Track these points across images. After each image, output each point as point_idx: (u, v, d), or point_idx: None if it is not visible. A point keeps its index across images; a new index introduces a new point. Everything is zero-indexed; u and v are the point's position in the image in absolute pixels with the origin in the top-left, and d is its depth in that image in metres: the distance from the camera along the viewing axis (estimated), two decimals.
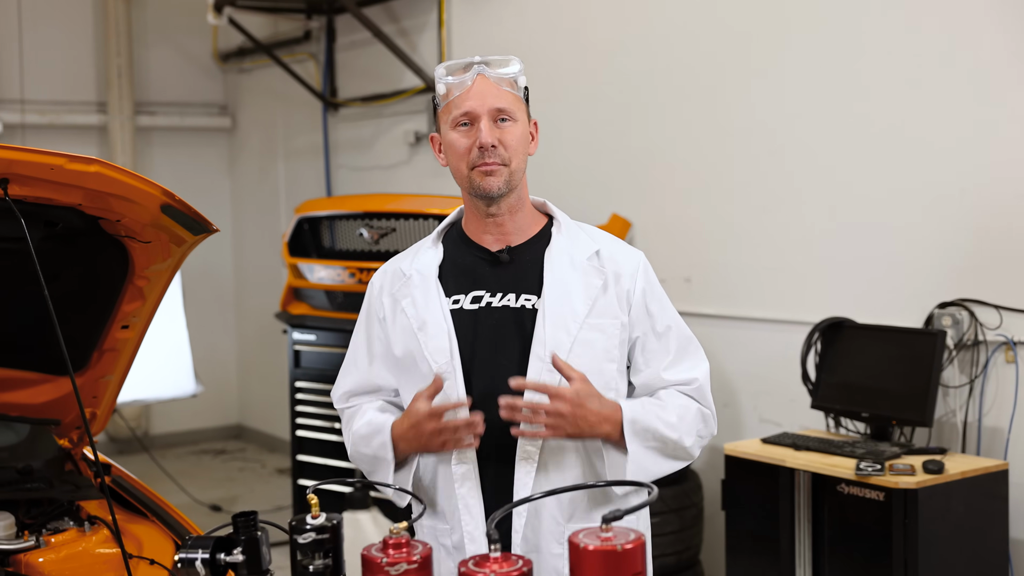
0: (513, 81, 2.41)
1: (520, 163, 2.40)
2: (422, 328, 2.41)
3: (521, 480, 2.33)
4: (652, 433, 2.33)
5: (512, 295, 2.40)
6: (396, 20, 7.22)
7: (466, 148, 2.36)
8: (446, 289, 2.44)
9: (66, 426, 3.54)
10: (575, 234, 2.47)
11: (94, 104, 8.82)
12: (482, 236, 2.46)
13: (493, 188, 2.36)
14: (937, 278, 4.49)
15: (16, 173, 2.57)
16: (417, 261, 2.50)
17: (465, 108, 2.36)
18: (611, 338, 2.38)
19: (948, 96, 4.47)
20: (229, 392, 9.48)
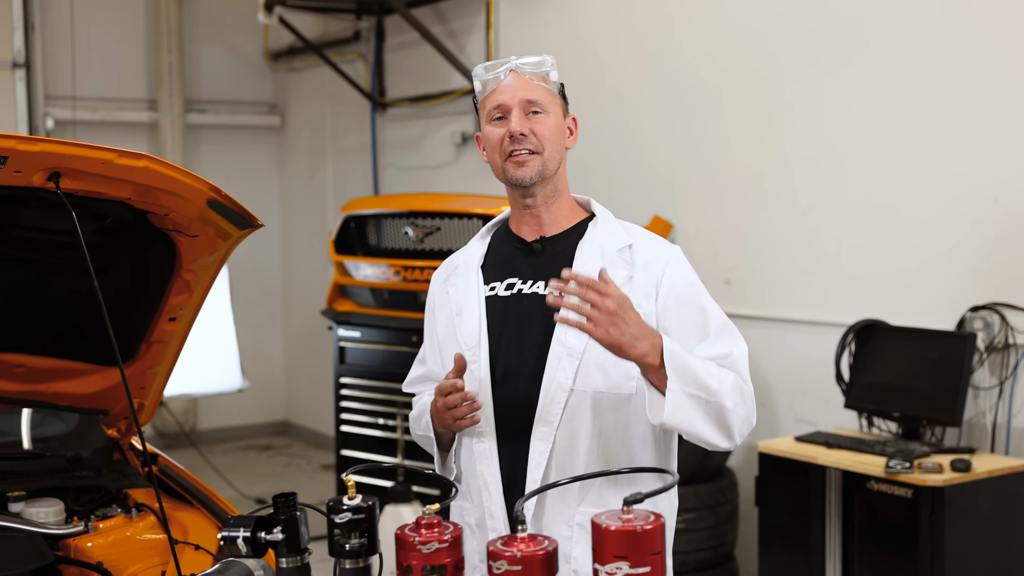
0: (545, 76, 2.49)
1: (553, 153, 2.47)
2: (459, 313, 2.54)
3: (535, 460, 2.40)
4: (693, 376, 2.26)
5: (541, 283, 2.48)
6: (444, 21, 7.33)
7: (499, 139, 2.46)
8: (486, 277, 2.55)
9: (114, 416, 3.62)
10: (613, 229, 2.53)
11: (145, 101, 8.98)
12: (521, 227, 2.55)
13: (525, 177, 2.44)
14: (969, 282, 4.53)
15: (67, 167, 2.65)
16: (465, 253, 2.64)
17: (498, 101, 2.46)
18: None
19: (982, 105, 4.51)
20: (276, 389, 9.62)
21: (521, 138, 2.43)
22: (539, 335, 2.45)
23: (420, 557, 1.85)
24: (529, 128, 2.44)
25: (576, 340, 2.40)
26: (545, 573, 1.81)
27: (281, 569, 1.99)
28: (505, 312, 2.50)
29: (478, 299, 2.53)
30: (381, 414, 6.01)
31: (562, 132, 2.51)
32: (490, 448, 2.45)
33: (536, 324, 2.46)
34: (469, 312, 2.52)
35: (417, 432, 2.63)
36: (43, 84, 8.32)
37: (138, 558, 3.14)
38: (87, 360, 3.40)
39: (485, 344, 2.48)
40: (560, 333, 2.42)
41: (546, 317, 2.42)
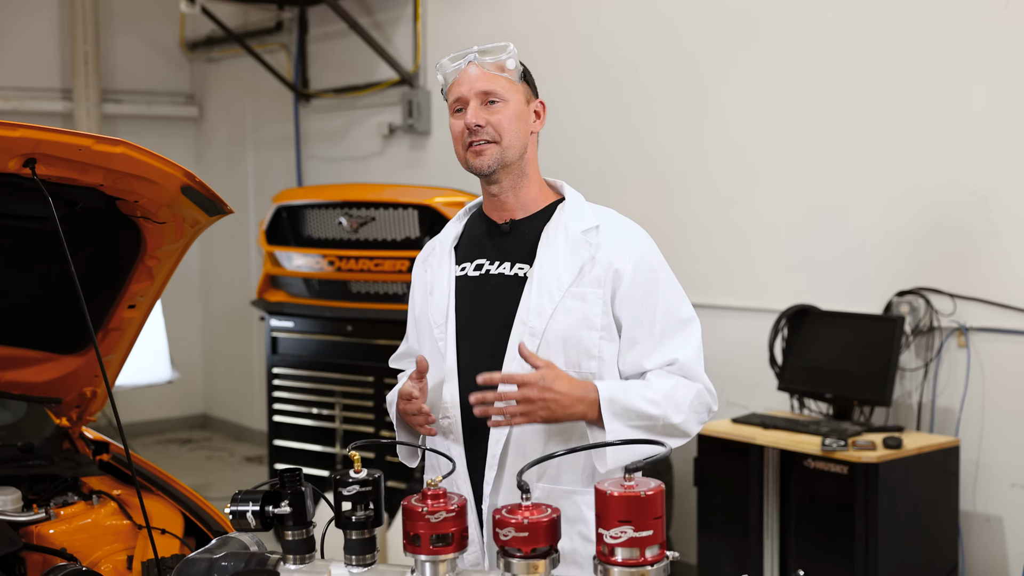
0: (502, 65, 2.55)
1: (513, 140, 2.53)
2: (431, 292, 2.63)
3: (495, 436, 2.49)
4: (635, 412, 2.39)
5: (508, 264, 2.57)
6: (371, 13, 7.35)
7: (460, 131, 2.54)
8: (458, 258, 2.64)
9: (66, 405, 3.61)
10: (581, 211, 2.60)
11: (59, 91, 8.83)
12: (491, 212, 2.64)
13: (483, 166, 2.53)
14: (895, 267, 4.73)
15: (44, 153, 2.64)
16: (442, 235, 2.73)
17: (457, 94, 2.55)
18: (592, 306, 2.48)
19: (909, 97, 4.70)
20: (194, 382, 9.52)
21: (477, 129, 2.51)
22: (503, 314, 2.52)
23: (428, 526, 1.92)
24: (485, 119, 2.51)
25: (537, 319, 2.48)
26: (549, 538, 1.89)
27: (287, 542, 2.04)
28: (473, 292, 2.59)
29: (448, 279, 2.61)
30: (316, 404, 6.02)
31: (524, 118, 2.57)
32: (455, 423, 2.53)
33: (500, 303, 2.54)
34: (439, 291, 2.61)
35: (391, 418, 2.71)
36: None
37: (101, 544, 3.14)
38: (41, 348, 3.39)
39: (452, 322, 2.57)
40: (523, 313, 2.50)
41: (510, 298, 2.52)
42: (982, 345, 4.51)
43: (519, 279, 2.55)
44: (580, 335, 2.49)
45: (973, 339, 4.53)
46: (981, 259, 4.50)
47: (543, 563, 1.88)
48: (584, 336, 2.50)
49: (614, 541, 1.82)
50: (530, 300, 2.50)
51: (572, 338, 2.48)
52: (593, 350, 2.50)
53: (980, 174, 4.49)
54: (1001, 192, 4.43)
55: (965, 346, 4.54)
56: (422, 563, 1.92)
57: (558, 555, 1.91)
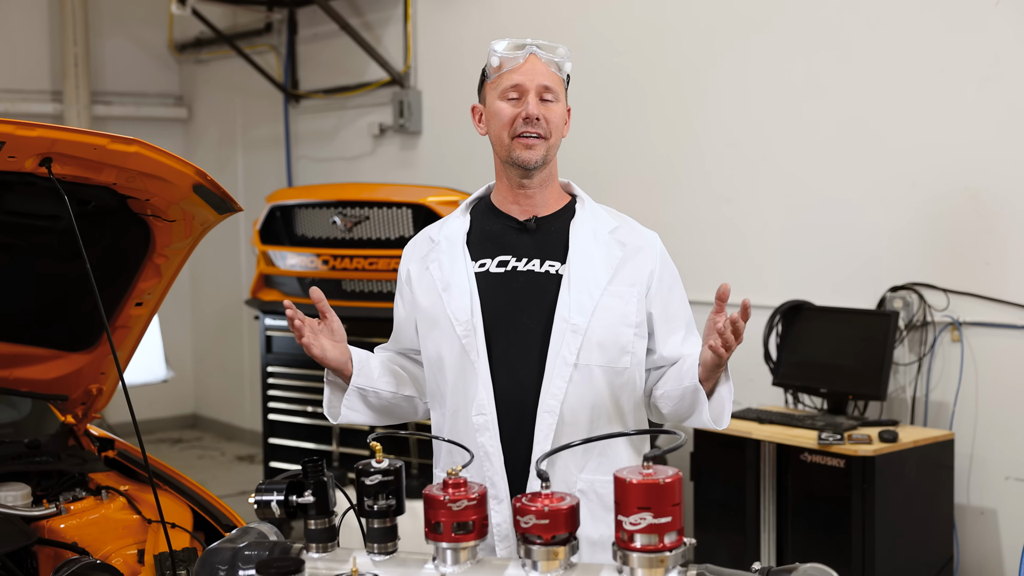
0: (560, 65, 2.61)
1: (556, 140, 2.61)
2: (446, 289, 2.60)
3: (542, 432, 2.51)
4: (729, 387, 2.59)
5: (537, 261, 2.59)
6: (361, 14, 7.38)
7: (511, 118, 2.56)
8: (473, 254, 2.63)
9: (72, 402, 3.65)
10: (597, 211, 2.69)
11: (49, 93, 8.83)
12: (510, 207, 2.65)
13: (531, 160, 2.56)
14: (889, 263, 4.79)
15: (60, 152, 2.69)
16: (445, 228, 2.70)
17: (516, 81, 2.56)
18: (628, 304, 2.57)
19: (902, 94, 4.76)
20: (185, 382, 9.51)
21: (535, 122, 2.54)
22: (539, 312, 2.55)
23: (449, 514, 1.95)
24: (543, 113, 2.55)
25: (579, 317, 2.52)
26: (569, 526, 1.93)
27: (310, 530, 2.07)
28: (499, 289, 2.59)
29: (467, 275, 2.60)
30: (310, 402, 6.05)
31: (564, 121, 2.65)
32: (491, 420, 2.53)
33: (534, 301, 2.56)
34: (459, 288, 2.59)
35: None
36: None
37: (111, 538, 3.19)
38: (48, 346, 3.43)
39: (479, 319, 2.56)
40: (563, 311, 2.53)
41: (544, 296, 2.55)
42: (975, 340, 4.57)
43: (551, 276, 2.58)
44: (618, 332, 2.56)
45: (967, 334, 4.59)
46: (974, 254, 4.57)
47: (563, 550, 1.92)
48: (622, 333, 2.56)
49: (633, 527, 1.87)
50: (569, 297, 2.54)
51: (611, 335, 2.55)
52: (628, 346, 2.58)
53: (973, 170, 4.55)
54: (994, 188, 4.49)
55: (959, 341, 4.60)
56: (443, 550, 1.96)
57: (577, 542, 1.95)
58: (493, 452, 2.54)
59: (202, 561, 2.13)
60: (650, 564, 1.87)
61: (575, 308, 2.53)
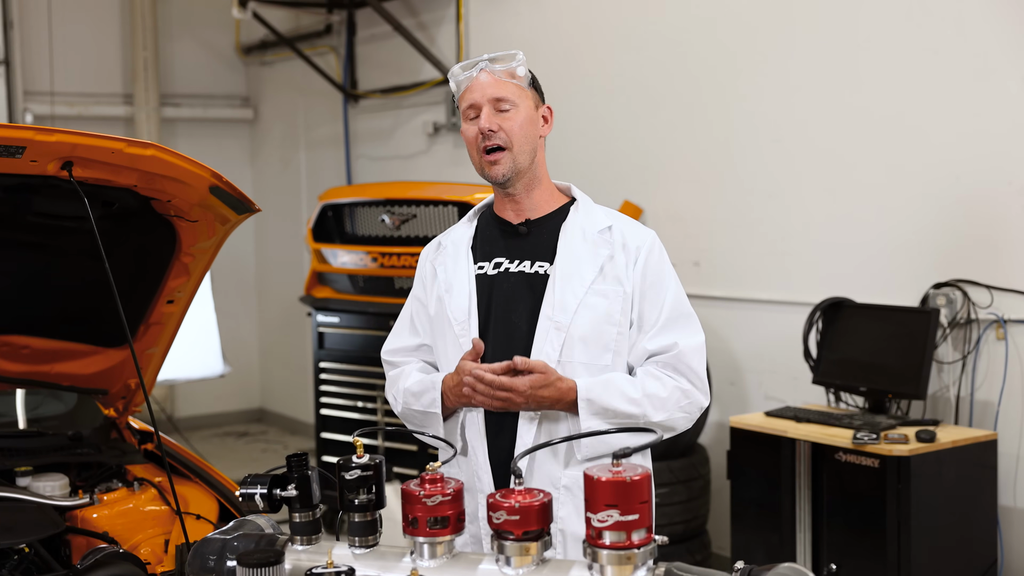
0: (512, 72, 2.65)
1: (524, 146, 2.64)
2: (448, 291, 2.70)
3: (524, 427, 2.58)
4: (612, 411, 2.53)
5: (527, 262, 2.67)
6: (415, 14, 7.46)
7: (474, 136, 2.64)
8: (475, 258, 2.73)
9: (112, 396, 3.76)
10: (592, 212, 2.72)
11: (121, 96, 9.07)
12: (505, 212, 2.74)
13: (498, 175, 2.64)
14: (932, 260, 4.73)
15: (80, 156, 2.80)
16: (453, 234, 2.81)
17: (470, 100, 2.65)
18: (613, 303, 2.61)
19: (945, 87, 4.69)
20: (251, 376, 9.73)
21: (490, 134, 2.61)
22: (526, 311, 2.63)
23: (425, 509, 2.00)
24: (498, 124, 2.61)
25: (563, 315, 2.58)
26: (540, 522, 1.96)
27: (294, 523, 2.13)
28: (493, 289, 2.67)
29: (468, 277, 2.69)
30: (360, 397, 6.14)
31: (534, 123, 2.68)
32: (478, 416, 2.62)
33: (523, 300, 2.64)
34: (459, 290, 2.69)
35: (414, 407, 2.71)
36: (22, 80, 8.44)
37: (141, 528, 3.29)
38: (88, 342, 3.55)
39: (475, 319, 2.65)
40: (547, 308, 2.60)
41: (533, 295, 2.63)
42: (1021, 337, 4.49)
43: (540, 276, 2.65)
44: (601, 330, 2.61)
45: (1012, 331, 4.51)
46: (1019, 251, 4.49)
47: (535, 545, 1.96)
48: (605, 331, 2.61)
49: (601, 524, 1.89)
50: (554, 296, 2.61)
51: (594, 333, 2.60)
52: (611, 344, 2.62)
53: (1017, 165, 4.47)
54: None
55: (1003, 339, 4.53)
56: (420, 544, 2.01)
57: (550, 538, 1.99)
58: (479, 447, 2.62)
59: (194, 551, 2.21)
60: (619, 561, 1.90)
61: (559, 306, 2.59)
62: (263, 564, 1.98)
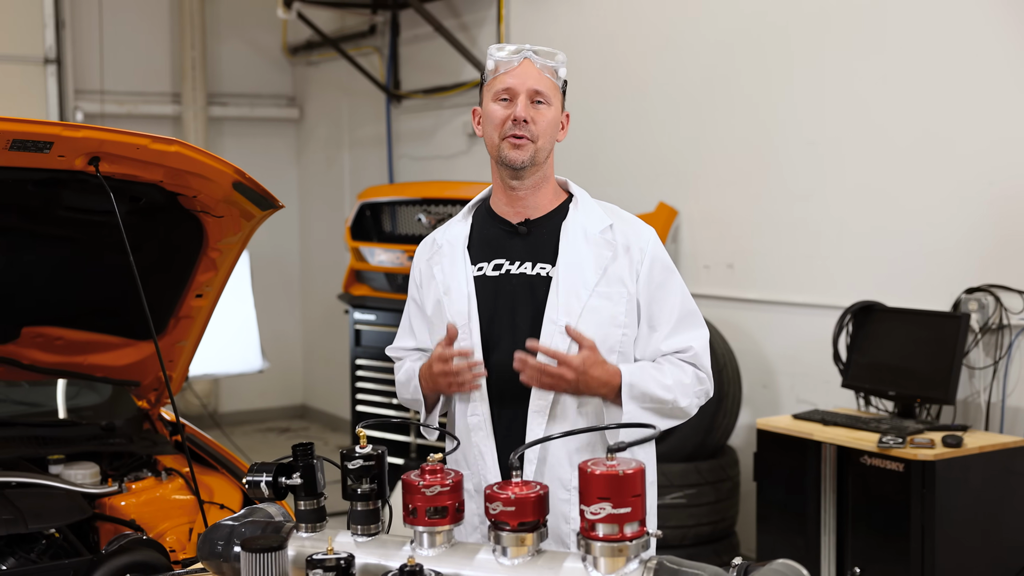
0: (554, 70, 2.67)
1: (546, 143, 2.65)
2: (447, 292, 2.69)
3: (533, 429, 2.59)
4: (648, 396, 2.56)
5: (529, 263, 2.66)
6: (457, 15, 7.53)
7: (501, 119, 2.63)
8: (473, 258, 2.71)
9: (144, 388, 3.84)
10: (591, 210, 2.71)
11: (169, 95, 9.22)
12: (505, 209, 2.72)
13: (517, 159, 2.62)
14: (965, 264, 4.70)
15: (106, 152, 2.88)
16: (448, 232, 2.78)
17: (507, 84, 2.63)
18: (618, 305, 2.62)
19: (980, 92, 4.66)
20: (294, 373, 9.85)
21: (523, 124, 2.61)
22: (529, 313, 2.62)
23: (424, 499, 2.04)
24: (532, 116, 2.61)
25: (567, 319, 2.58)
26: (536, 513, 2.00)
27: (299, 511, 2.19)
28: (495, 292, 2.66)
29: (466, 278, 2.68)
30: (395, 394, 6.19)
31: (557, 125, 2.69)
32: (484, 420, 2.62)
33: (526, 303, 2.63)
34: (457, 291, 2.67)
35: (405, 396, 2.80)
36: (73, 79, 8.60)
37: (167, 517, 3.36)
38: (120, 334, 3.62)
39: (476, 322, 2.64)
40: (551, 312, 2.60)
41: (535, 298, 2.62)
42: None
43: (542, 278, 2.64)
44: (606, 332, 2.61)
45: None
46: None
47: (530, 536, 2.00)
48: (610, 334, 2.62)
49: (594, 517, 1.93)
50: (558, 300, 2.60)
51: (599, 336, 2.59)
52: (616, 346, 2.63)
53: None
54: None
55: None
56: (420, 534, 2.06)
57: (546, 529, 2.02)
58: (487, 451, 2.63)
59: (205, 536, 2.27)
60: (611, 553, 1.93)
61: (563, 310, 2.59)
62: (266, 549, 2.03)
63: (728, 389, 5.09)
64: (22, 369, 3.56)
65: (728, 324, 5.52)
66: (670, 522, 5.02)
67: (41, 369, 3.61)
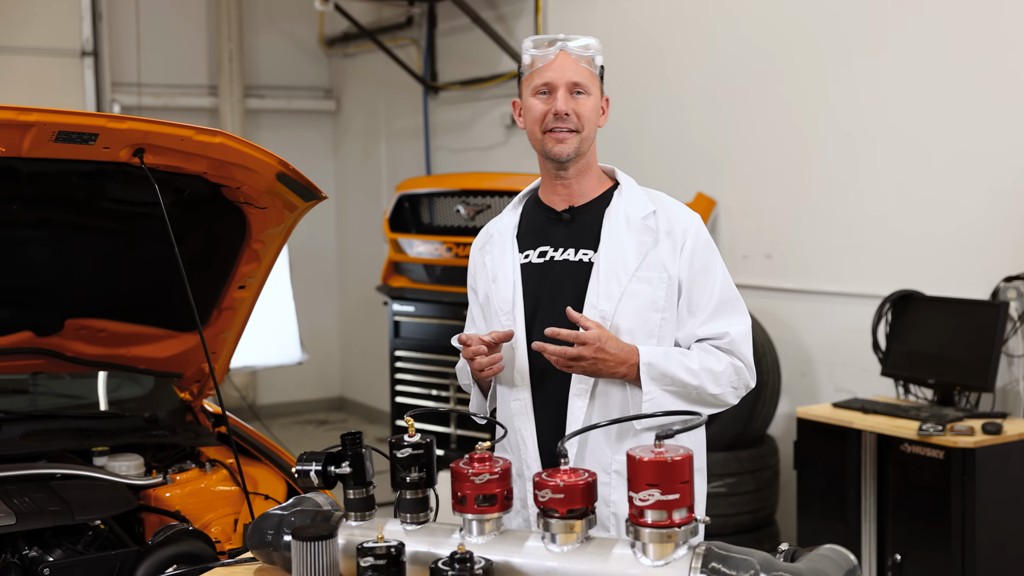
0: (591, 59, 2.68)
1: (590, 132, 2.67)
2: (495, 280, 2.74)
3: (574, 414, 2.61)
4: (671, 378, 2.56)
5: (572, 250, 2.69)
6: (494, 6, 7.53)
7: (542, 114, 2.65)
8: (521, 246, 2.75)
9: (187, 380, 3.87)
10: (635, 196, 2.73)
11: (206, 87, 9.28)
12: (551, 197, 2.75)
13: (563, 153, 2.65)
14: (1003, 252, 4.67)
15: (150, 143, 2.90)
16: (499, 222, 2.84)
17: (546, 79, 2.65)
18: (657, 289, 2.63)
19: (1018, 80, 4.63)
20: (332, 365, 9.90)
21: (565, 117, 2.62)
22: (572, 299, 2.64)
23: (473, 487, 2.06)
24: (572, 108, 2.63)
25: (607, 304, 2.61)
26: (585, 500, 2.02)
27: (348, 500, 2.21)
28: (539, 278, 2.69)
29: (513, 266, 2.72)
30: (435, 385, 6.23)
31: (598, 112, 2.70)
32: (526, 405, 2.65)
33: (568, 289, 2.66)
34: (504, 279, 2.72)
35: (463, 381, 2.87)
36: (110, 71, 8.66)
37: (212, 508, 3.39)
38: (163, 326, 3.64)
39: (520, 308, 2.68)
40: (592, 296, 2.62)
41: (577, 283, 2.65)
42: None
43: (584, 264, 2.67)
44: (646, 317, 2.63)
45: None
46: None
47: (579, 523, 2.01)
48: (649, 318, 2.63)
49: (643, 504, 1.94)
50: (599, 284, 2.63)
51: (639, 320, 2.62)
52: (655, 331, 2.64)
53: None
54: None
55: None
56: (469, 521, 2.07)
57: (594, 516, 2.04)
58: (528, 436, 2.65)
59: (254, 526, 2.30)
60: (660, 539, 1.94)
61: (603, 295, 2.61)
62: (316, 538, 2.05)
63: (767, 378, 5.09)
64: (66, 361, 3.59)
65: (766, 313, 5.51)
66: (711, 511, 5.00)
67: (85, 361, 3.63)
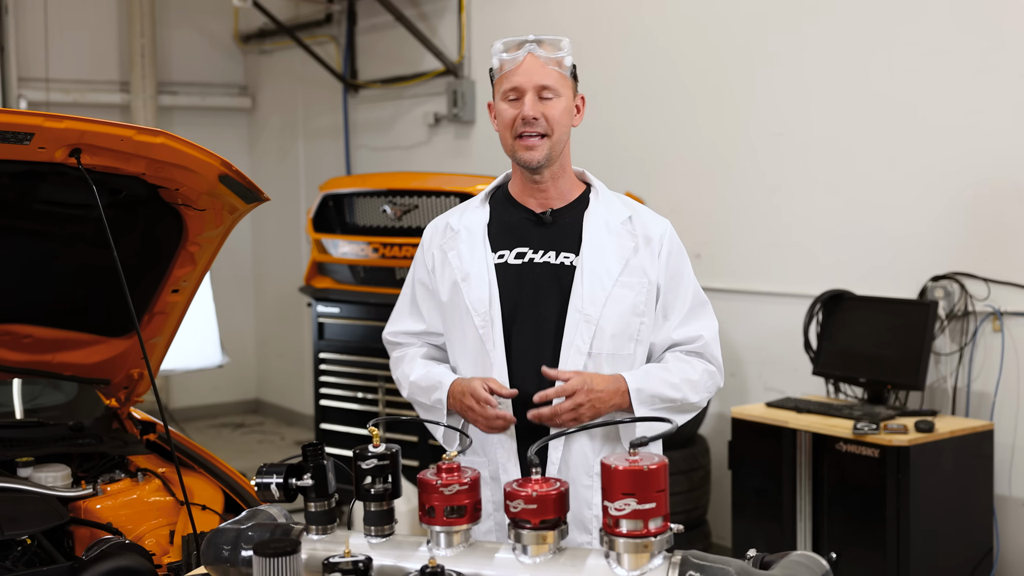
0: (560, 60, 2.63)
1: (561, 135, 2.64)
2: (465, 279, 2.66)
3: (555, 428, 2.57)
4: (658, 397, 2.60)
5: (552, 253, 2.65)
6: (417, 5, 7.45)
7: (511, 119, 2.61)
8: (493, 245, 2.69)
9: (115, 386, 3.74)
10: (611, 201, 2.72)
11: (117, 83, 9.03)
12: (527, 199, 2.71)
13: (533, 160, 2.61)
14: (931, 253, 4.75)
15: (88, 143, 2.77)
16: (465, 218, 2.74)
17: (513, 83, 2.61)
18: (639, 295, 2.63)
19: (945, 83, 4.71)
20: (247, 367, 9.71)
21: (533, 122, 2.59)
22: (554, 302, 2.62)
23: (442, 499, 2.01)
24: (541, 112, 2.59)
25: (592, 308, 2.59)
26: (557, 511, 1.98)
27: (310, 512, 2.14)
28: (518, 280, 2.64)
29: (487, 266, 2.65)
30: (361, 388, 6.14)
31: (571, 112, 2.67)
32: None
33: (550, 292, 2.63)
34: (478, 278, 2.65)
35: (420, 399, 2.73)
36: (16, 66, 8.38)
37: (145, 519, 3.27)
38: (91, 331, 3.51)
39: (497, 309, 2.62)
40: (576, 301, 2.60)
41: (560, 287, 2.62)
42: (1017, 329, 4.52)
43: (567, 268, 2.64)
44: (628, 321, 2.63)
45: (1008, 324, 4.54)
46: (1015, 244, 4.52)
47: (551, 534, 1.97)
48: (631, 323, 2.63)
49: (618, 513, 1.91)
50: (583, 289, 2.60)
51: (622, 324, 2.62)
52: (635, 335, 2.65)
53: (1016, 160, 4.49)
54: None
55: (1000, 331, 4.55)
56: (436, 534, 2.02)
57: (566, 527, 2.00)
58: (507, 439, 2.61)
59: (208, 541, 2.21)
60: (635, 549, 1.92)
61: (588, 299, 2.59)
62: (280, 554, 1.98)
63: None
64: None
65: None
66: None
67: (8, 368, 3.49)
